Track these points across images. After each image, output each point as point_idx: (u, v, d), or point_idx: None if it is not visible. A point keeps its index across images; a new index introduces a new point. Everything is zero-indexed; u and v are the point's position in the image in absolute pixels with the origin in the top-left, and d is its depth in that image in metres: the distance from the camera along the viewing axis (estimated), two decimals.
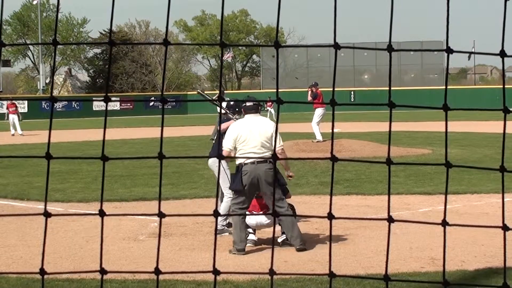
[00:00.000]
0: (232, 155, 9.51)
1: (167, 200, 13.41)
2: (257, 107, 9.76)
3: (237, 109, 10.66)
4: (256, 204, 9.88)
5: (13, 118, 37.72)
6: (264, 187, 9.33)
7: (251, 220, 9.77)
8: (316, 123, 26.11)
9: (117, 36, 79.74)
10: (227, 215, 10.23)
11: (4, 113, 54.44)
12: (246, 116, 9.74)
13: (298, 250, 9.32)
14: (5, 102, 52.46)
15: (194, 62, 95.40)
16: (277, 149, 9.38)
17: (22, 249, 9.70)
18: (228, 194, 10.58)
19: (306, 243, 9.54)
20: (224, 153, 9.51)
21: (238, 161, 9.49)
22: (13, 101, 39.20)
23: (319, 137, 25.45)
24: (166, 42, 2.39)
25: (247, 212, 9.77)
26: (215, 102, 13.83)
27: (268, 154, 9.35)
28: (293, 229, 9.37)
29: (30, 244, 9.95)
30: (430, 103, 52.34)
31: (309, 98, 26.02)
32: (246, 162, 9.32)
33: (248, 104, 9.75)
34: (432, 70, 78.21)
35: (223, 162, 10.36)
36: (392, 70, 2.51)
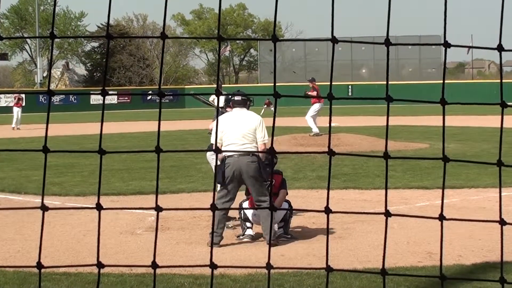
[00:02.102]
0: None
1: (164, 194, 13.40)
2: (245, 102, 9.86)
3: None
4: (251, 199, 9.88)
5: (18, 111, 37.45)
6: (247, 180, 9.37)
7: (249, 214, 9.77)
8: (311, 117, 26.07)
9: (114, 29, 79.59)
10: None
11: (4, 107, 54.60)
12: (234, 109, 9.87)
13: (269, 245, 9.23)
14: (4, 96, 52.24)
15: (191, 56, 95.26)
16: (260, 142, 9.47)
17: (19, 243, 9.70)
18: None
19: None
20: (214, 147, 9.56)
21: (222, 154, 9.54)
22: (20, 95, 38.84)
23: (315, 129, 25.40)
24: (163, 36, 2.39)
25: (248, 207, 9.80)
26: (210, 103, 13.75)
27: (250, 146, 9.41)
28: (267, 222, 9.30)
29: (27, 237, 9.95)
30: (428, 98, 52.36)
31: (315, 94, 25.95)
32: (229, 154, 9.38)
33: (236, 98, 9.87)
34: (430, 65, 78.11)
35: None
36: (390, 64, 2.51)
